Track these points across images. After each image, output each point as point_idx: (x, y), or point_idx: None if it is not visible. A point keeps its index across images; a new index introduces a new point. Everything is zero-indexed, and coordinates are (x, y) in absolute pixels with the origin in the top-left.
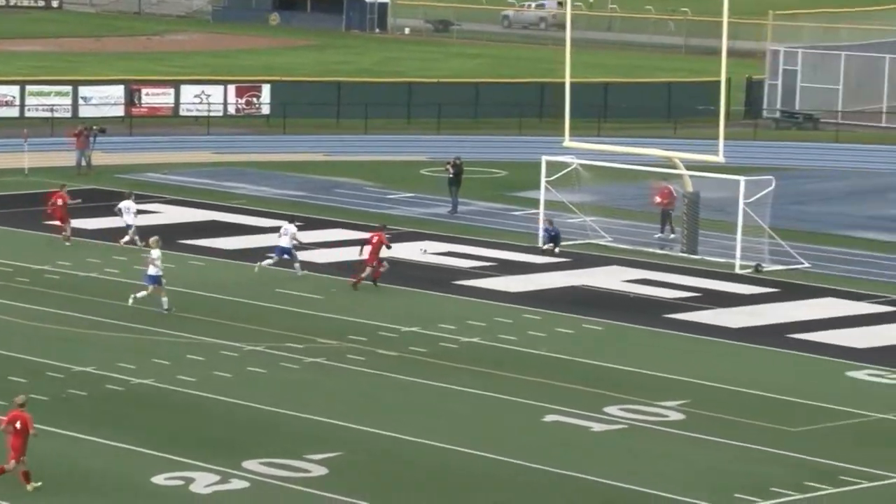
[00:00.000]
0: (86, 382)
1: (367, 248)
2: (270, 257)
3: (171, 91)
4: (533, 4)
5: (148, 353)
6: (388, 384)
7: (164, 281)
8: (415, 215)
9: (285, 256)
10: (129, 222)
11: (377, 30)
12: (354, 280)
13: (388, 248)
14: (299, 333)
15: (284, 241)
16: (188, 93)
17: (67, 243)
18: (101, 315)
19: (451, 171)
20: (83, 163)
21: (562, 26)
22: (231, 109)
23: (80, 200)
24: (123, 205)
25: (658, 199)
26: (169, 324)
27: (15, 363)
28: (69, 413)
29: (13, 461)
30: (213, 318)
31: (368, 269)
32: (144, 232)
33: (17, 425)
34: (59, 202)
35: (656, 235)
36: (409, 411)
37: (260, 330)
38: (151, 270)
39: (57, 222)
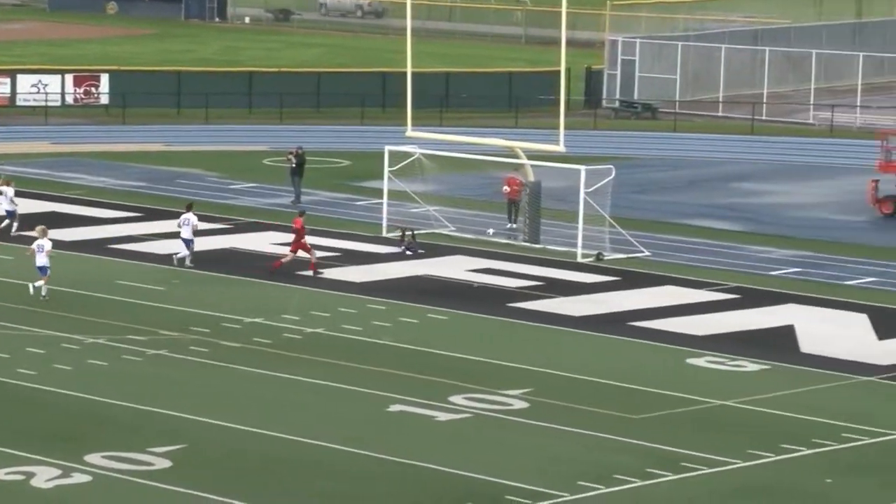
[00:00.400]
0: None
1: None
2: (180, 253)
3: (7, 81)
4: None
5: None
6: (231, 375)
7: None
8: (258, 205)
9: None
10: (9, 209)
11: (217, 19)
12: (275, 265)
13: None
14: (141, 325)
15: (186, 232)
16: (25, 83)
17: None
18: None
19: (294, 161)
20: None
21: (378, 14)
22: (69, 99)
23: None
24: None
25: (506, 189)
26: (8, 316)
27: None
28: None
29: None
30: (52, 311)
31: (290, 256)
32: None
33: None
34: None
35: (507, 226)
36: (253, 402)
37: (101, 322)
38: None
39: None
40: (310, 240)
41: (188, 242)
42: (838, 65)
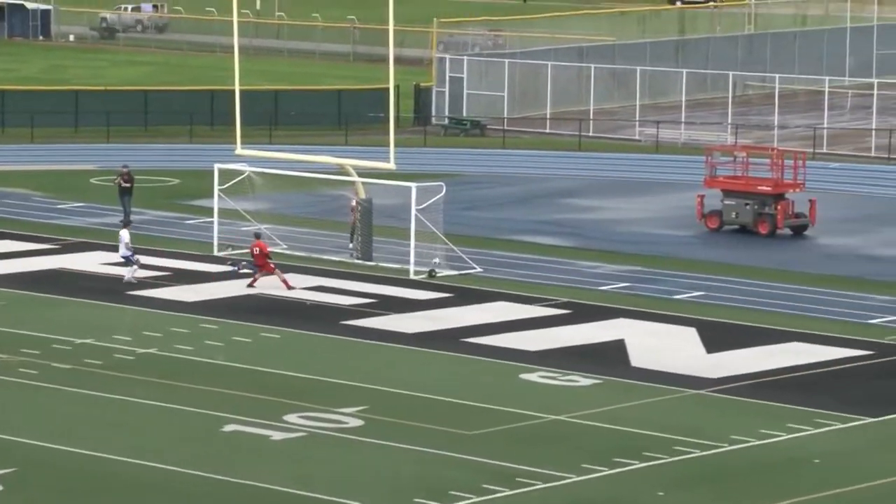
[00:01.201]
0: None
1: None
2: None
3: None
4: (129, 7)
5: None
6: (62, 397)
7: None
8: (87, 225)
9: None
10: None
11: (41, 37)
12: (253, 281)
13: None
14: None
15: (123, 250)
16: None
17: None
18: None
19: (123, 182)
20: None
21: (161, 29)
22: None
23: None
24: None
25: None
26: None
27: None
28: None
29: None
30: None
31: (261, 274)
32: None
33: None
34: None
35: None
36: (85, 424)
37: None
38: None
39: None
40: (141, 259)
41: (128, 257)
42: (662, 81)
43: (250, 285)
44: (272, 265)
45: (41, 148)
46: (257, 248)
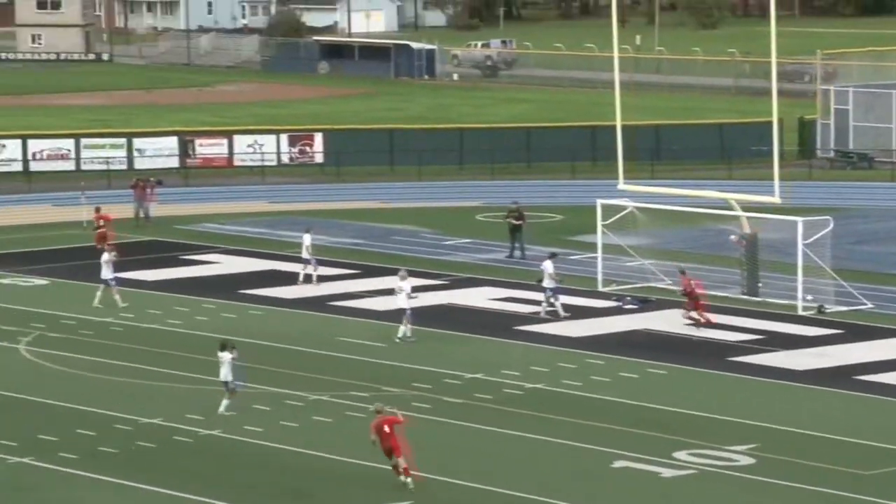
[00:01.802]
0: (154, 434)
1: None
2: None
3: (225, 142)
4: (479, 44)
5: (214, 405)
6: (452, 431)
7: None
8: (473, 261)
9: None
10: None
11: (426, 76)
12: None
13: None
14: (363, 382)
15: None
16: (241, 143)
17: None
18: (167, 366)
19: (514, 220)
20: (141, 214)
21: (508, 64)
22: (285, 158)
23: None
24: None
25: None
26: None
27: (83, 416)
28: (139, 465)
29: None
30: (276, 368)
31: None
32: (207, 283)
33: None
34: (102, 223)
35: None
36: (475, 457)
37: (323, 379)
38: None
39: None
40: (525, 294)
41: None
42: None
43: (697, 324)
44: (700, 301)
45: (428, 185)
46: (687, 285)
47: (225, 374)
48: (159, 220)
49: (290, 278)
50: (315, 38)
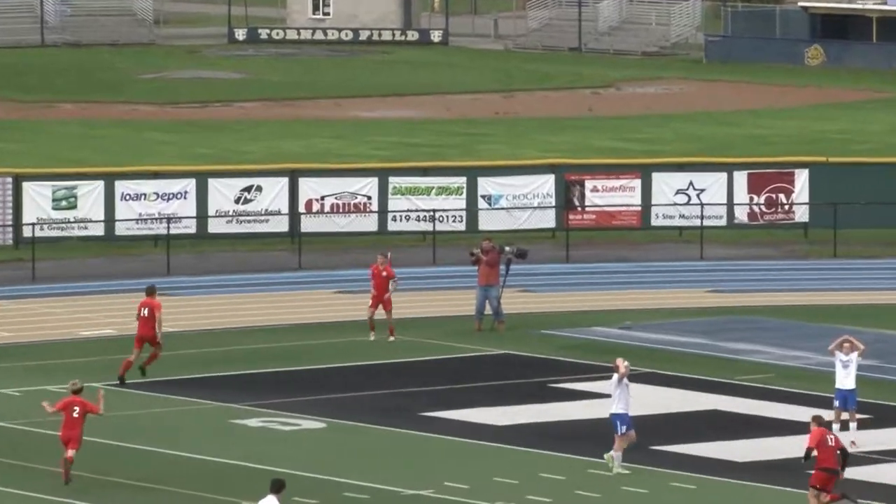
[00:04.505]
0: None
1: None
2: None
3: (637, 183)
4: None
5: None
6: None
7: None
8: None
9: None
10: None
11: None
12: None
13: None
14: None
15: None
16: (664, 184)
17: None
18: None
19: None
20: (488, 308)
21: None
22: (739, 213)
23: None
24: None
25: None
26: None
27: None
28: None
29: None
30: None
31: None
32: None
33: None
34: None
35: None
36: None
37: None
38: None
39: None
40: None
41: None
42: None
43: None
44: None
45: None
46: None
47: None
48: (516, 318)
49: (744, 427)
50: (801, 4)
